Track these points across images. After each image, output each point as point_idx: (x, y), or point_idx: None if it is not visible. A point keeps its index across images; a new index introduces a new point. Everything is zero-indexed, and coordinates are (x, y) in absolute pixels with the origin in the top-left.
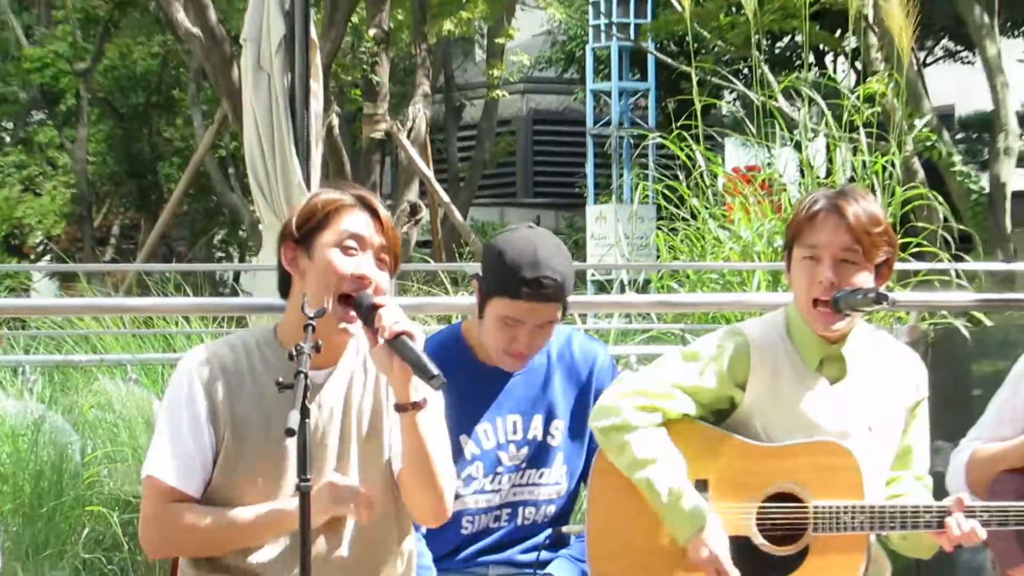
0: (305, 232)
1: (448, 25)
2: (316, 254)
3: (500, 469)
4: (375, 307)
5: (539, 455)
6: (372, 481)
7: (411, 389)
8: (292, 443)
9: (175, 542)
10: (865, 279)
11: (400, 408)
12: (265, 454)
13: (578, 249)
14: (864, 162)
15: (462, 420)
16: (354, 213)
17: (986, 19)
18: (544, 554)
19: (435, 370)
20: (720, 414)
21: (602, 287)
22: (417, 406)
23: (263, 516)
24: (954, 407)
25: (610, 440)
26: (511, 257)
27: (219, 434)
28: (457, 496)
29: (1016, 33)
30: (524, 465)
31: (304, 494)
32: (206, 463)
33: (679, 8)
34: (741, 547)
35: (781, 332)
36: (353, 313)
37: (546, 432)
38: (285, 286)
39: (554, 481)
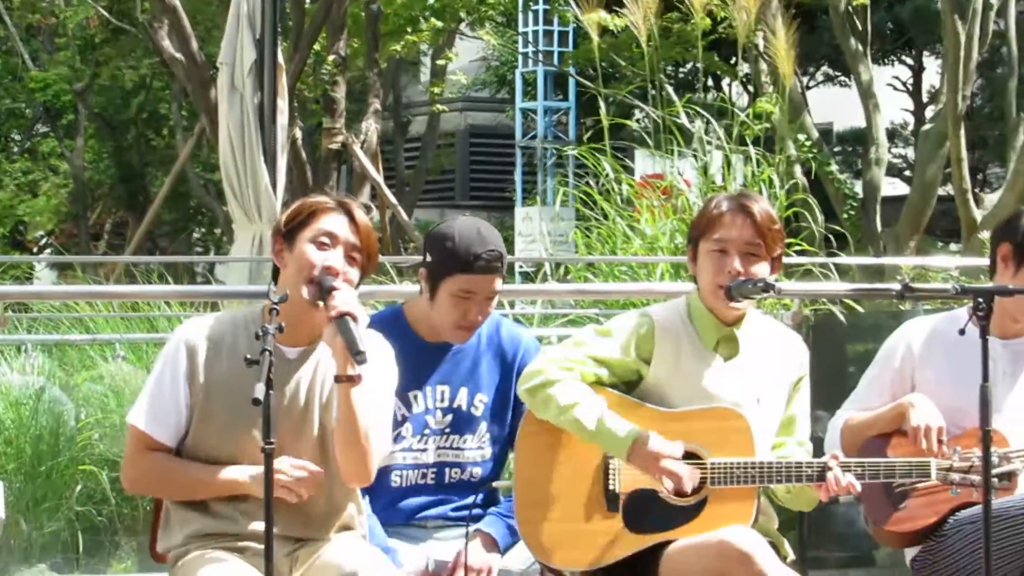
0: (290, 229)
1: (396, 47)
2: (296, 248)
3: (427, 432)
4: (331, 289)
5: (462, 423)
6: (329, 443)
7: (349, 365)
8: (259, 410)
9: (147, 483)
10: (764, 269)
11: (337, 379)
12: (236, 417)
13: (507, 245)
14: (753, 171)
15: (397, 386)
16: (332, 215)
17: (860, 48)
18: (477, 512)
19: (362, 349)
20: (629, 385)
21: (528, 277)
22: (351, 380)
23: (220, 481)
24: (832, 382)
25: (536, 397)
26: (460, 238)
27: (194, 393)
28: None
29: (885, 61)
30: (448, 430)
31: (269, 455)
32: (180, 417)
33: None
34: (647, 498)
35: (683, 316)
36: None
37: (470, 404)
38: (277, 275)
39: (476, 446)
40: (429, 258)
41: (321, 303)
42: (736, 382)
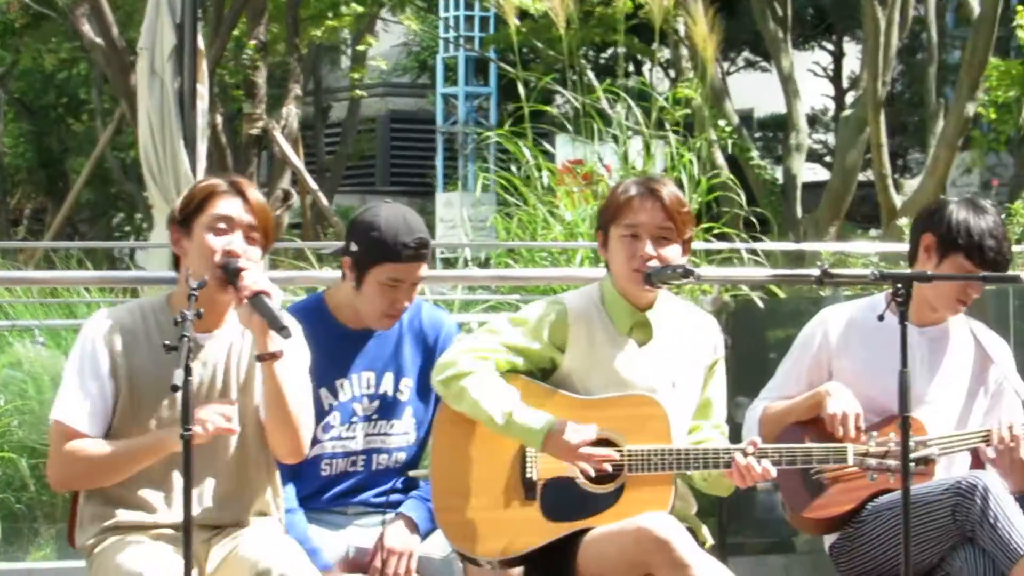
0: (185, 216)
1: (317, 32)
2: (194, 235)
3: (355, 419)
4: (239, 270)
5: (389, 408)
6: (246, 426)
7: (269, 341)
8: (179, 396)
9: (76, 475)
10: (676, 252)
11: (260, 357)
12: (157, 405)
13: (428, 231)
14: (673, 156)
15: (322, 375)
16: (225, 198)
17: (780, 34)
18: (397, 496)
19: (285, 323)
20: (544, 372)
21: (449, 263)
22: (274, 356)
23: (146, 442)
24: (752, 368)
25: (450, 389)
26: (387, 227)
27: (118, 386)
28: (317, 442)
29: (806, 47)
30: (376, 416)
31: (187, 441)
32: (107, 410)
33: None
34: (566, 487)
35: (596, 302)
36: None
37: (396, 388)
38: (177, 263)
39: (403, 431)
40: (354, 247)
41: (231, 286)
42: (651, 367)
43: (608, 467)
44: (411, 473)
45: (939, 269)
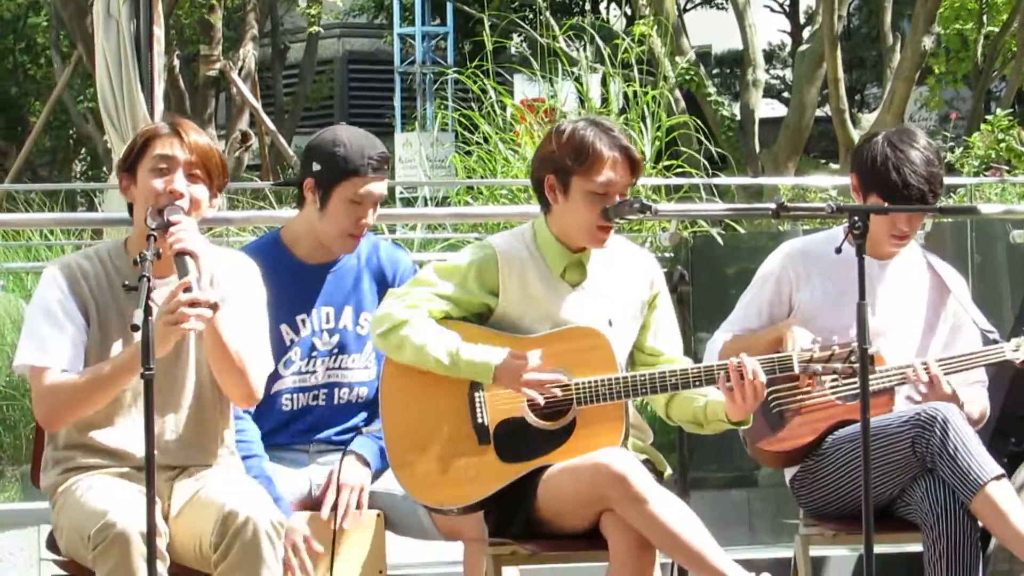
0: (130, 163)
1: None
2: (139, 180)
3: (315, 353)
4: (170, 224)
5: (349, 342)
6: (207, 374)
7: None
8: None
9: (63, 405)
10: None
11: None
12: (124, 346)
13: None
14: (635, 93)
15: (281, 311)
16: (164, 139)
17: None
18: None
19: (195, 295)
20: (480, 318)
21: (408, 202)
22: (213, 308)
23: (120, 359)
24: (712, 303)
25: (389, 341)
26: (351, 143)
27: (88, 326)
28: (279, 377)
29: None
30: (336, 351)
31: (148, 381)
32: (82, 349)
33: None
34: (516, 427)
35: (528, 243)
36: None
37: (355, 323)
38: (131, 208)
39: (363, 365)
40: (317, 167)
41: (165, 232)
42: (586, 306)
43: (558, 392)
44: (364, 430)
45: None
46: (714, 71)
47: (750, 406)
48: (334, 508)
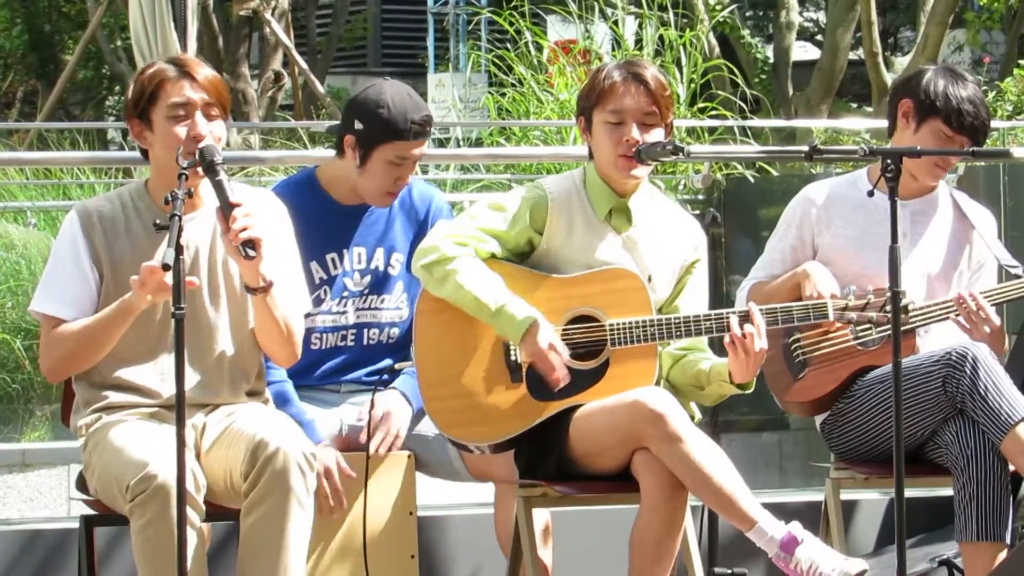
0: (142, 109)
1: None
2: (156, 127)
3: (346, 294)
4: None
5: (381, 283)
6: (238, 311)
7: (259, 278)
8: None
9: (64, 357)
10: (660, 135)
11: (250, 291)
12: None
13: None
14: (670, 37)
15: (313, 249)
16: (174, 83)
17: None
18: (388, 377)
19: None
20: (521, 257)
21: (441, 143)
22: (266, 290)
23: (112, 308)
24: (744, 245)
25: (432, 274)
26: (395, 106)
27: (101, 274)
28: (307, 315)
29: None
30: (367, 291)
31: (179, 321)
32: (92, 298)
33: None
34: None
35: (577, 186)
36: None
37: (387, 263)
38: (146, 152)
39: (395, 306)
40: (360, 126)
41: (200, 171)
42: (628, 255)
43: (562, 379)
44: (397, 365)
45: (917, 134)
46: (747, 13)
47: (752, 361)
48: (369, 439)
